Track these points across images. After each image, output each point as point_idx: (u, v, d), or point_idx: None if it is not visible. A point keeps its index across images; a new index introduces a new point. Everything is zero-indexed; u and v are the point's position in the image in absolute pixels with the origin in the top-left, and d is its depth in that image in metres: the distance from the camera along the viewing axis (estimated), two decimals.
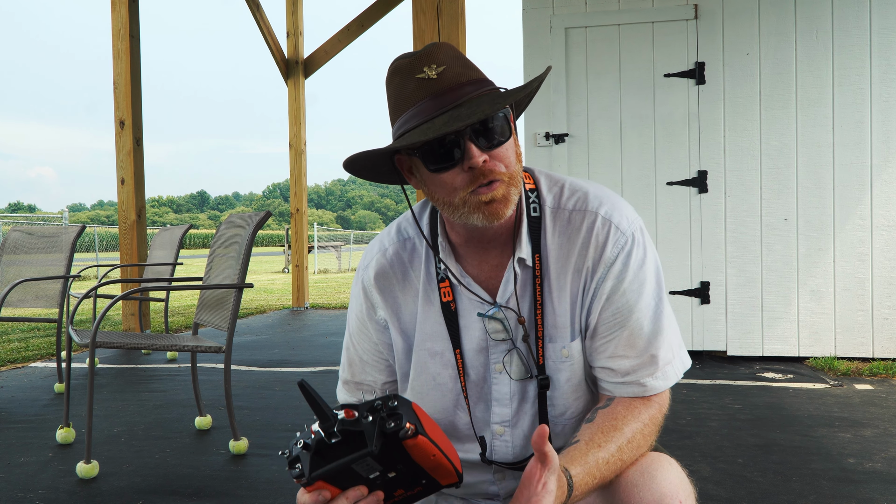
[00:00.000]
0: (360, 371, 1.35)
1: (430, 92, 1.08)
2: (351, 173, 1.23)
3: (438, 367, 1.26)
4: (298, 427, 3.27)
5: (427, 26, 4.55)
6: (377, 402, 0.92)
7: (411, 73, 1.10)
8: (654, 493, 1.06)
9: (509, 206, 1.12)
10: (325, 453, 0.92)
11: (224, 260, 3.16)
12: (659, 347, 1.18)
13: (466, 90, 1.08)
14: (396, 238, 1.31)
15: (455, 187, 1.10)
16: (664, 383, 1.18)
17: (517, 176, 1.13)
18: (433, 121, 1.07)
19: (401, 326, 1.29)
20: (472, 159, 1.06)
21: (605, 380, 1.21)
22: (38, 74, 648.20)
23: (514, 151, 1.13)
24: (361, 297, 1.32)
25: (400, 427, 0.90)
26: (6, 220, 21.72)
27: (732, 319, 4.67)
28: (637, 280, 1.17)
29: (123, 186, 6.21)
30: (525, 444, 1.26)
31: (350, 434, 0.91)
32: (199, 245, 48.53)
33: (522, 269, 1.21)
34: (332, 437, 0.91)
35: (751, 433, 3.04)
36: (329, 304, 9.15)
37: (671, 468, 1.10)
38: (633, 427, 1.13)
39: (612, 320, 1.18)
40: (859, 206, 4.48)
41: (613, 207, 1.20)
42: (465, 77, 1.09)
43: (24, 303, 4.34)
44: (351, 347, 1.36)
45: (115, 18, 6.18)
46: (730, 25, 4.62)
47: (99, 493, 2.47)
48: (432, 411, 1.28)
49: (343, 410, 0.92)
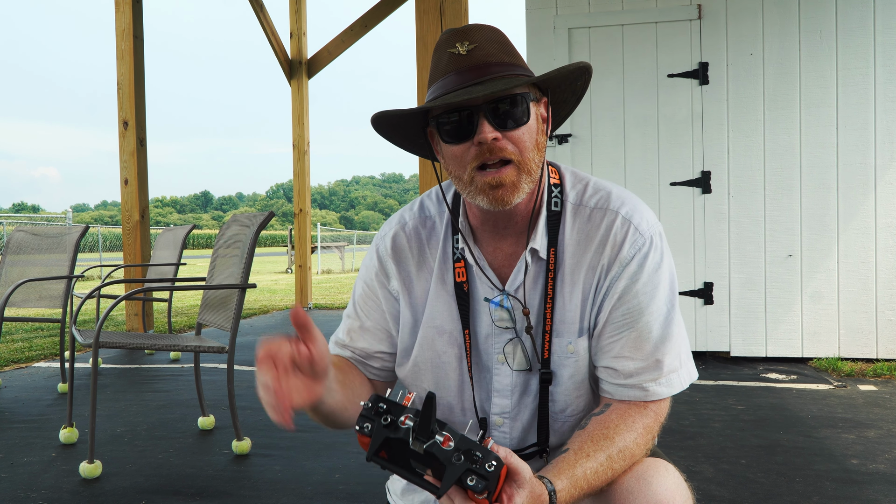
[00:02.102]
0: (358, 337, 1.33)
1: (457, 67, 1.12)
2: (380, 133, 1.25)
3: (445, 345, 1.26)
4: (300, 427, 3.27)
5: (430, 26, 4.55)
6: (477, 453, 0.91)
7: (447, 47, 1.14)
8: (650, 500, 1.04)
9: (517, 193, 1.13)
10: (398, 446, 0.93)
11: (227, 260, 3.16)
12: (665, 353, 1.17)
13: (492, 69, 1.11)
14: (418, 214, 1.32)
15: (465, 161, 1.13)
16: (667, 390, 1.17)
17: (531, 163, 1.14)
18: (451, 93, 1.10)
19: (411, 300, 1.29)
20: (483, 134, 1.09)
21: (607, 380, 1.20)
22: (41, 75, 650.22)
23: (532, 139, 1.14)
24: (376, 263, 1.32)
25: (478, 491, 0.90)
26: (10, 220, 21.78)
27: (736, 320, 4.66)
28: (651, 283, 1.17)
29: (127, 187, 6.22)
30: (523, 437, 1.26)
31: (433, 458, 0.91)
32: (202, 245, 48.60)
33: (536, 262, 1.22)
34: (417, 446, 0.91)
35: (754, 434, 3.04)
36: (332, 304, 9.16)
37: (668, 474, 1.09)
38: (626, 437, 1.12)
39: (621, 320, 1.17)
40: (863, 207, 4.47)
41: (634, 209, 1.21)
42: (494, 58, 1.12)
43: (27, 303, 4.35)
44: (354, 314, 1.35)
45: (118, 19, 6.19)
46: (733, 26, 4.61)
47: (102, 492, 2.47)
48: (433, 389, 1.28)
49: (444, 435, 0.91)
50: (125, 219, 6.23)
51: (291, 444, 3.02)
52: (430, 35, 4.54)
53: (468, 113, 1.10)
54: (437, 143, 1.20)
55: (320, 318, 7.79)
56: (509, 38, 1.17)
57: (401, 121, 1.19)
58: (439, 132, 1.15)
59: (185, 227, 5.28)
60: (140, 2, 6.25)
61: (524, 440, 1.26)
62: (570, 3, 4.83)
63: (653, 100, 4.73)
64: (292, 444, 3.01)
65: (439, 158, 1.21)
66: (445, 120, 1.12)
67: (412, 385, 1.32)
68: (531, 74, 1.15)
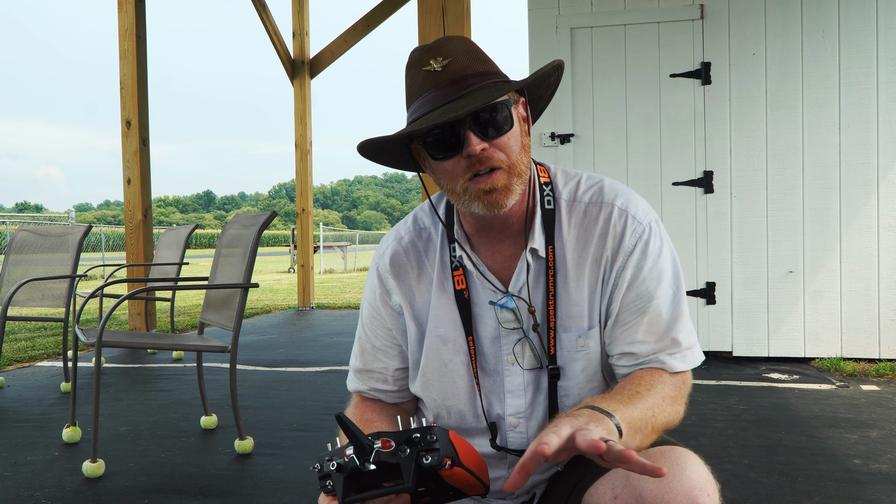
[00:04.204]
0: (371, 359, 1.37)
1: (435, 83, 1.13)
2: (367, 158, 1.28)
3: (450, 353, 1.28)
4: (303, 426, 3.27)
5: (432, 27, 4.56)
6: (415, 434, 0.93)
7: (420, 65, 1.15)
8: (685, 485, 1.06)
9: (511, 195, 1.15)
10: (359, 478, 0.95)
11: (230, 260, 3.16)
12: (679, 331, 1.20)
13: (470, 82, 1.12)
14: (413, 227, 1.34)
15: (456, 174, 1.15)
16: (682, 364, 1.20)
17: (520, 166, 1.16)
18: (434, 111, 1.11)
19: (414, 313, 1.31)
20: (471, 147, 1.11)
21: (624, 365, 1.22)
22: (44, 75, 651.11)
23: (518, 142, 1.16)
24: (377, 282, 1.34)
25: (437, 463, 0.92)
26: (13, 219, 21.82)
27: (738, 320, 4.66)
28: (656, 268, 1.20)
29: (130, 186, 6.23)
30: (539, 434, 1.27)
31: (385, 465, 0.93)
32: (204, 245, 48.61)
33: (535, 260, 1.23)
34: (366, 465, 0.93)
35: (756, 434, 3.04)
36: (335, 304, 9.16)
37: (699, 462, 1.11)
38: (659, 389, 1.14)
39: (632, 307, 1.20)
40: (865, 207, 4.47)
41: (629, 199, 1.24)
42: (470, 69, 1.13)
43: (30, 302, 4.36)
44: (363, 336, 1.38)
45: (121, 19, 6.20)
46: (736, 26, 4.61)
47: (105, 491, 2.48)
48: (444, 398, 1.30)
49: (380, 440, 0.93)
50: (128, 218, 6.24)
51: (294, 443, 3.02)
52: (432, 35, 4.55)
53: (453, 128, 1.12)
54: (424, 160, 1.21)
55: (322, 317, 7.79)
56: (479, 45, 1.19)
57: (387, 144, 1.21)
58: (427, 149, 1.16)
59: (187, 227, 5.29)
60: (143, 2, 6.26)
61: None
62: (573, 2, 4.83)
63: (655, 100, 4.73)
64: (295, 444, 3.01)
65: (428, 172, 1.23)
66: (432, 138, 1.14)
67: (424, 398, 1.34)
68: (507, 79, 1.17)
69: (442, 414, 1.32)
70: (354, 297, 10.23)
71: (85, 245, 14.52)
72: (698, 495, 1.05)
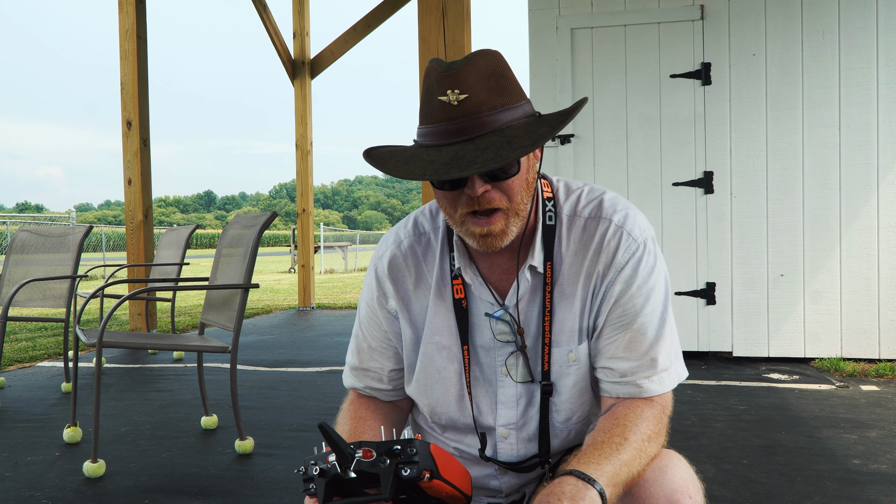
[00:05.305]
0: (367, 358, 1.37)
1: (449, 117, 1.07)
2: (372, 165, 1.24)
3: (444, 360, 1.28)
4: (303, 427, 3.28)
5: (433, 27, 4.56)
6: (396, 447, 0.95)
7: (437, 92, 1.08)
8: (666, 489, 1.07)
9: (507, 237, 1.14)
10: (340, 484, 0.97)
11: (230, 260, 3.17)
12: (659, 352, 1.19)
13: (484, 123, 1.06)
14: (412, 231, 1.34)
15: (456, 205, 1.13)
16: (659, 387, 1.19)
17: (520, 206, 1.14)
18: (442, 149, 1.07)
19: (410, 318, 1.31)
20: (473, 189, 1.09)
21: (604, 379, 1.22)
22: (45, 75, 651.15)
23: (523, 182, 1.13)
24: (374, 285, 1.34)
25: (415, 476, 0.94)
26: (14, 219, 21.85)
27: (738, 320, 4.66)
28: (646, 286, 1.19)
29: (130, 186, 6.24)
30: (528, 448, 1.28)
31: (366, 474, 0.95)
32: (205, 245, 48.63)
33: (533, 276, 1.24)
34: (347, 473, 0.95)
35: (756, 434, 3.04)
36: (335, 304, 9.17)
37: (681, 464, 1.13)
38: (640, 427, 1.13)
39: (617, 322, 1.20)
40: (866, 207, 4.47)
41: (626, 216, 1.23)
42: (486, 105, 1.07)
43: (31, 302, 4.36)
44: (360, 335, 1.38)
45: (122, 19, 6.21)
46: (736, 26, 4.61)
47: (105, 491, 2.48)
48: (436, 404, 1.31)
49: (361, 450, 0.95)
50: (129, 219, 6.25)
51: (294, 443, 3.03)
52: (432, 36, 4.55)
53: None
54: None
55: (323, 318, 7.80)
56: (507, 61, 1.13)
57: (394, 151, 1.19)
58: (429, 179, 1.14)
59: (188, 227, 5.29)
60: (143, 2, 6.27)
61: (528, 451, 1.28)
62: (573, 3, 4.83)
63: (655, 100, 4.73)
64: (295, 444, 3.02)
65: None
66: None
67: (418, 401, 1.35)
68: (527, 109, 1.12)
69: (434, 417, 1.33)
70: (355, 297, 10.23)
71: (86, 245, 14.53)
72: (680, 498, 1.06)
